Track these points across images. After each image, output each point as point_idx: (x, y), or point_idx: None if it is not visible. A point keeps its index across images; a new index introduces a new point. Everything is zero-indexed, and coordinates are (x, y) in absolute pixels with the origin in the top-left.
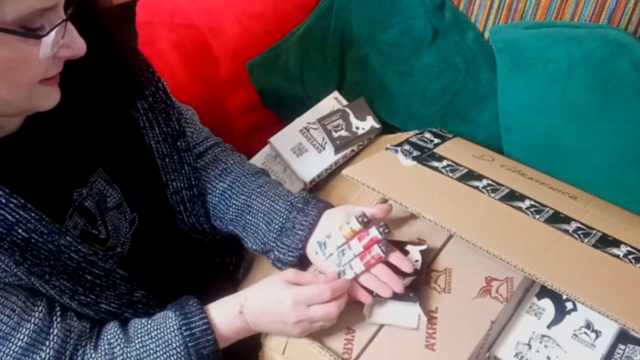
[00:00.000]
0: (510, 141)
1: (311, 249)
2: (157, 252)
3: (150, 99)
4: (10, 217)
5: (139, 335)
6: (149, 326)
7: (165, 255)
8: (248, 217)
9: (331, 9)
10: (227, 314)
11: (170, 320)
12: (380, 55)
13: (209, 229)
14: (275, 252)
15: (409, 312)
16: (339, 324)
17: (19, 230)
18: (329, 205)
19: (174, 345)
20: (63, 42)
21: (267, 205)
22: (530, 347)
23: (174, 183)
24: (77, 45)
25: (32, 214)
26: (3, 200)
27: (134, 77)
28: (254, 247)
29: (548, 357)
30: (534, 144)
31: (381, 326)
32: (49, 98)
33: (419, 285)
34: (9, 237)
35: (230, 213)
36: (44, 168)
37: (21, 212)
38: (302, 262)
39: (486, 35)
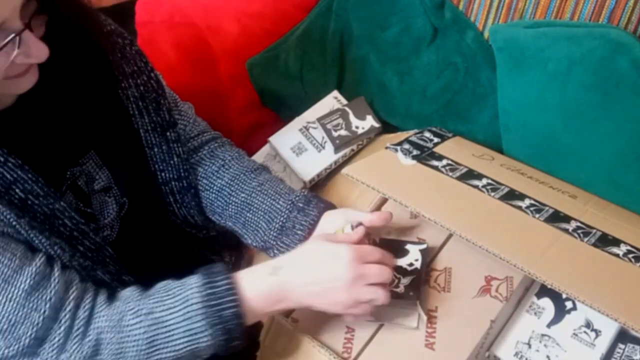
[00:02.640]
0: (509, 140)
1: None
2: (148, 240)
3: (142, 88)
4: (8, 176)
5: (159, 290)
6: (171, 284)
7: (156, 245)
8: (248, 215)
9: (331, 8)
10: (254, 276)
11: (193, 278)
12: (379, 55)
13: (202, 222)
14: (275, 251)
15: (409, 312)
16: (338, 323)
17: (17, 190)
18: (330, 206)
19: (192, 302)
20: (19, 51)
21: (268, 203)
22: (530, 346)
23: (163, 174)
24: (35, 55)
25: (29, 175)
26: (2, 159)
27: (110, 67)
28: (253, 244)
29: (548, 357)
30: (534, 143)
31: (381, 325)
32: (20, 86)
33: (418, 284)
34: (6, 196)
35: (230, 210)
36: (38, 145)
37: (19, 172)
38: None
39: (486, 34)
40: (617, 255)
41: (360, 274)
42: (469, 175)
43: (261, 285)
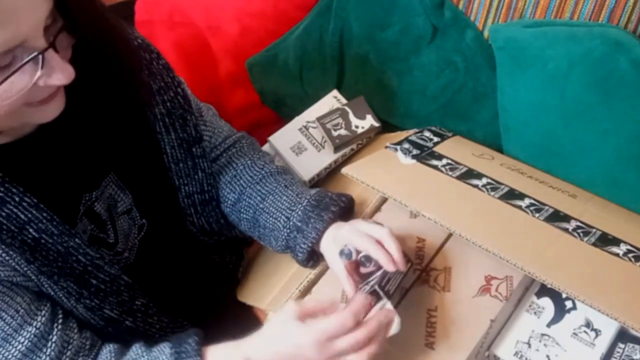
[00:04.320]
0: (509, 140)
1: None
2: (163, 257)
3: (169, 104)
4: (22, 216)
5: None
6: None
7: (170, 259)
8: (259, 229)
9: (330, 7)
10: None
11: (164, 357)
12: (379, 54)
13: (218, 229)
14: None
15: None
16: None
17: (30, 230)
18: (331, 221)
19: None
20: (43, 72)
21: (270, 223)
22: (529, 345)
23: (186, 187)
24: (60, 76)
25: (44, 214)
26: (17, 199)
27: (137, 86)
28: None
29: (548, 356)
30: (534, 142)
31: None
32: (45, 114)
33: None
34: (20, 237)
35: (243, 225)
36: (55, 171)
37: (33, 212)
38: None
39: (486, 34)
40: (617, 255)
41: (330, 357)
42: (469, 175)
43: None
